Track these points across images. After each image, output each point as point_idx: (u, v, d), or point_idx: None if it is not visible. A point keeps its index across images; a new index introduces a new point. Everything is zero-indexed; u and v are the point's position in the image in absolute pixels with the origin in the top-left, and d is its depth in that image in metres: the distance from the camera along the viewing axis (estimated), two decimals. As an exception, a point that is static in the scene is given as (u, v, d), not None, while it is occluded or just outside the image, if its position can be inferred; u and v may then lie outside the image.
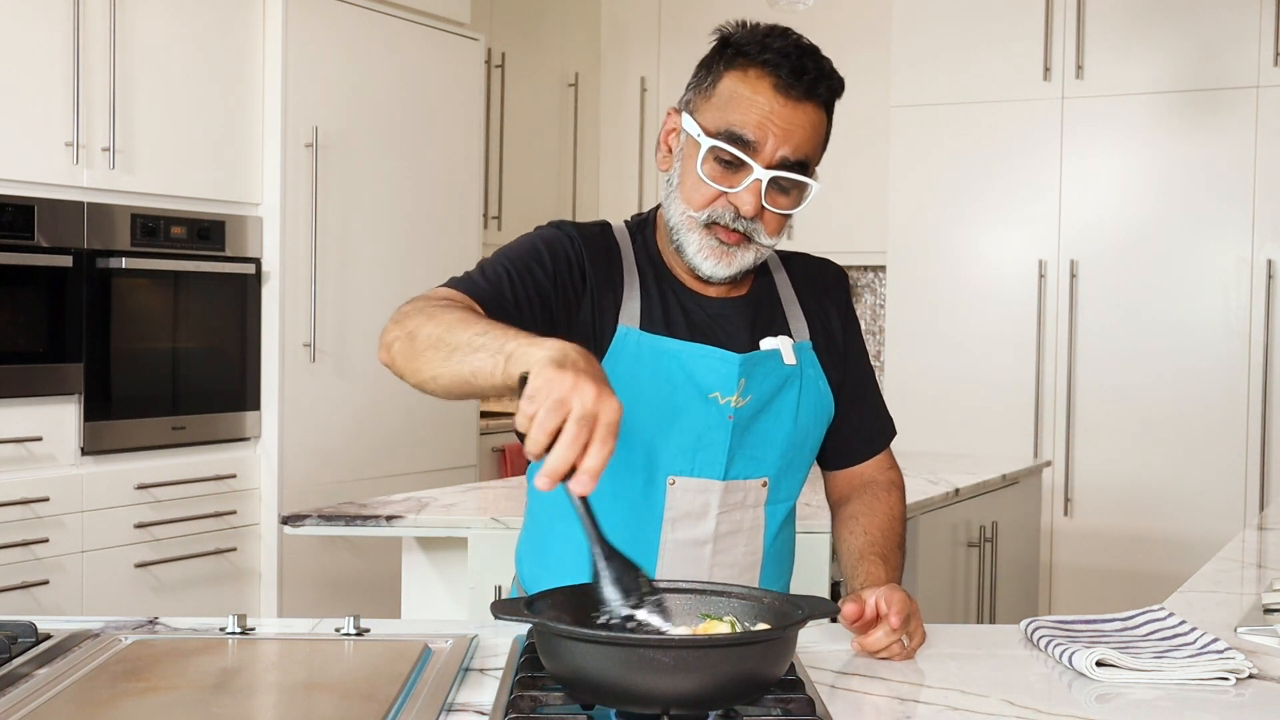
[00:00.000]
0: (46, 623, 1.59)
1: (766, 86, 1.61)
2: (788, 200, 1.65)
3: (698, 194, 1.64)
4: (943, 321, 4.97)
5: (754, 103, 1.60)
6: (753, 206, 1.61)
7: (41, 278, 3.47)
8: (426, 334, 1.44)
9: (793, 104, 1.61)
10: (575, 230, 1.72)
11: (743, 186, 1.61)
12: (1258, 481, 4.53)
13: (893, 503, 1.81)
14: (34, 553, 3.43)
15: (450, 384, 1.41)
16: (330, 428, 4.21)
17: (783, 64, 1.60)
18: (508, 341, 1.33)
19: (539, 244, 1.68)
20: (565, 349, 1.27)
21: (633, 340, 1.67)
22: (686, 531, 1.70)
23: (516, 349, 1.31)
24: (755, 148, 1.60)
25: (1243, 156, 4.54)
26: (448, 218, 4.66)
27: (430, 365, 1.42)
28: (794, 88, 1.60)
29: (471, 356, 1.36)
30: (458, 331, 1.40)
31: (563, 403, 1.20)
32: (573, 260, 1.68)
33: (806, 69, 1.61)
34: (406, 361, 1.46)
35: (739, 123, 1.60)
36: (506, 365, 1.31)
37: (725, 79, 1.64)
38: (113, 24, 3.59)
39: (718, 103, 1.63)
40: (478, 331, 1.38)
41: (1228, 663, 1.48)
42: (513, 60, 5.29)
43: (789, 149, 1.61)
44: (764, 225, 1.64)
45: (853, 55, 5.26)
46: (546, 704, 1.29)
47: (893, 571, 1.71)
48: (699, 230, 1.65)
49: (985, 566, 3.67)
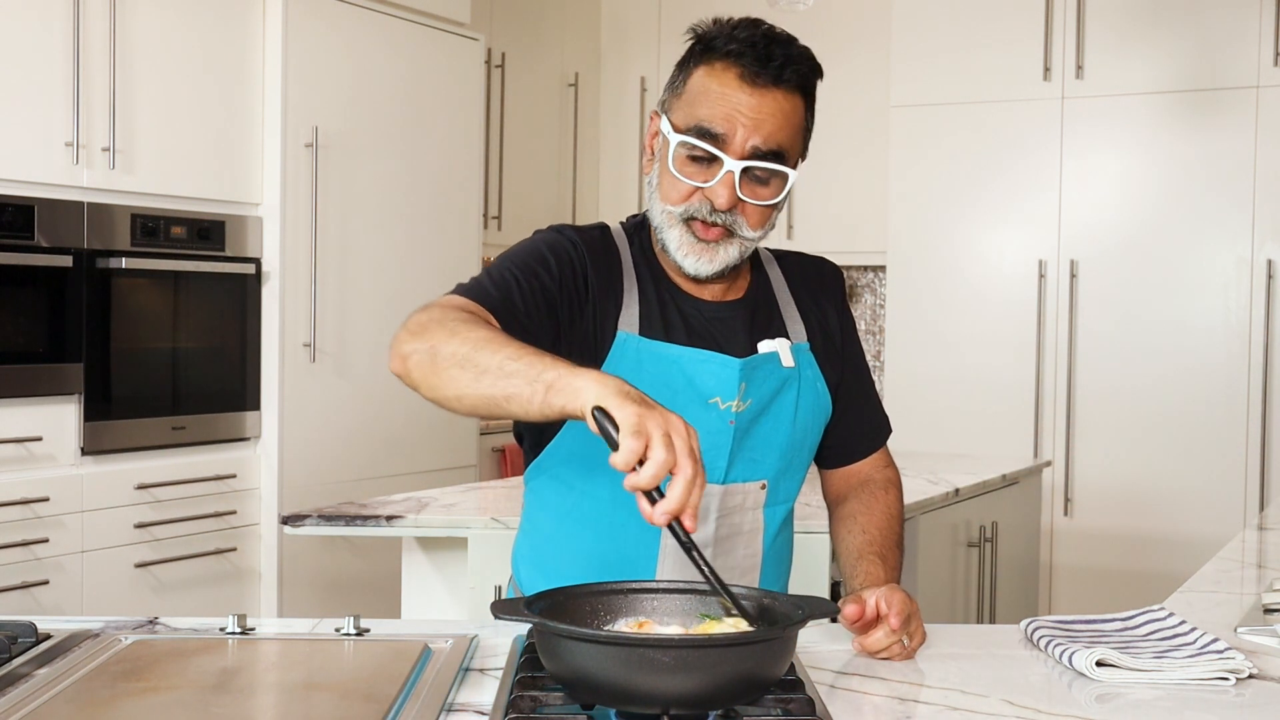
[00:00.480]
0: (46, 623, 1.59)
1: (732, 77, 1.60)
2: (767, 191, 1.63)
3: (674, 190, 1.64)
4: (943, 321, 4.97)
5: (721, 95, 1.60)
6: (727, 199, 1.61)
7: (41, 278, 3.47)
8: (451, 351, 1.42)
9: (760, 92, 1.60)
10: (577, 235, 1.71)
11: (715, 180, 1.60)
12: (1258, 481, 4.53)
13: (890, 501, 1.81)
14: (34, 553, 3.43)
15: (477, 404, 1.41)
16: (330, 428, 4.21)
17: (748, 53, 1.60)
18: (545, 370, 1.34)
19: (543, 249, 1.67)
20: (614, 382, 1.30)
21: (632, 346, 1.66)
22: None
23: (557, 379, 1.33)
24: (725, 140, 1.59)
25: (1243, 156, 4.54)
26: (448, 218, 4.66)
27: (455, 384, 1.42)
28: (760, 75, 1.59)
29: (504, 381, 1.37)
30: (485, 353, 1.40)
31: (668, 437, 1.25)
32: (576, 266, 1.67)
33: (774, 56, 1.60)
34: (425, 376, 1.45)
35: (706, 116, 1.60)
36: (547, 395, 1.33)
37: (694, 75, 1.64)
38: (113, 24, 3.59)
39: (688, 99, 1.63)
40: (509, 355, 1.38)
41: (1228, 663, 1.48)
42: (513, 60, 5.29)
43: (760, 139, 1.59)
44: (745, 218, 1.63)
45: (853, 55, 5.27)
46: (546, 704, 1.28)
47: (892, 571, 1.70)
48: (679, 226, 1.64)
49: (985, 566, 3.67)
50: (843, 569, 1.76)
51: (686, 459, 1.24)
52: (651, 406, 1.27)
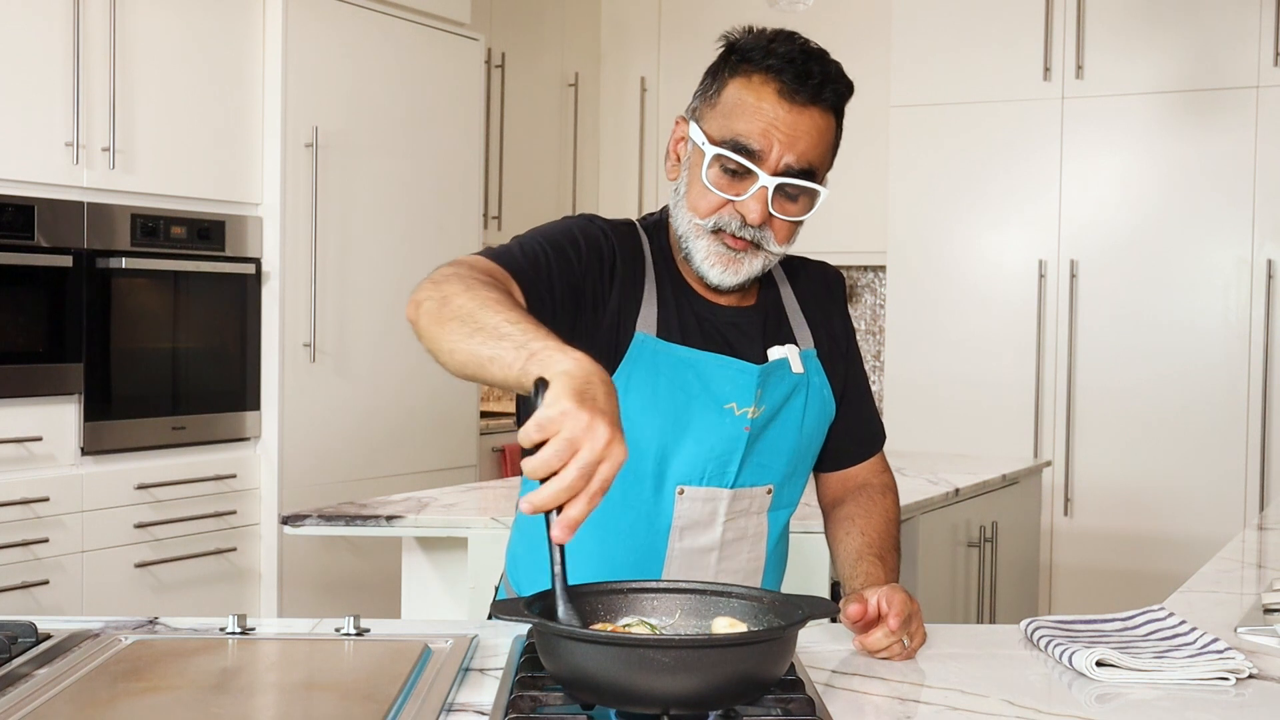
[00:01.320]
0: (46, 623, 1.59)
1: (770, 93, 1.59)
2: (796, 207, 1.63)
3: (704, 202, 1.62)
4: (943, 321, 4.97)
5: (758, 110, 1.59)
6: (759, 214, 1.60)
7: (41, 278, 3.47)
8: (459, 304, 1.38)
9: (798, 110, 1.59)
10: (609, 226, 1.69)
11: (749, 194, 1.59)
12: (1258, 481, 4.53)
13: (888, 505, 1.81)
14: (34, 553, 3.42)
15: (465, 360, 1.36)
16: (330, 428, 4.21)
17: (786, 69, 1.58)
18: (534, 340, 1.29)
19: (576, 232, 1.65)
20: (589, 372, 1.22)
21: (649, 348, 1.65)
22: (693, 539, 1.70)
23: (542, 350, 1.27)
24: (760, 155, 1.58)
25: (1243, 156, 4.54)
26: (448, 218, 4.66)
27: (451, 336, 1.37)
28: (799, 93, 1.58)
29: (495, 342, 1.31)
30: (489, 311, 1.35)
31: (573, 443, 1.17)
32: (604, 256, 1.65)
33: (812, 73, 1.59)
34: (429, 324, 1.40)
35: (744, 131, 1.59)
36: (526, 363, 1.27)
37: (730, 86, 1.62)
38: (113, 24, 3.59)
39: (723, 110, 1.61)
40: (508, 319, 1.33)
41: (1228, 663, 1.48)
42: (513, 60, 5.29)
43: (794, 156, 1.59)
44: (773, 233, 1.62)
45: (853, 55, 5.22)
46: (546, 704, 1.28)
47: (890, 572, 1.70)
48: (706, 237, 1.63)
49: (985, 566, 3.67)
50: (840, 571, 1.76)
51: (573, 470, 1.16)
52: (587, 410, 1.18)
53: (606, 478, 1.18)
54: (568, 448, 1.17)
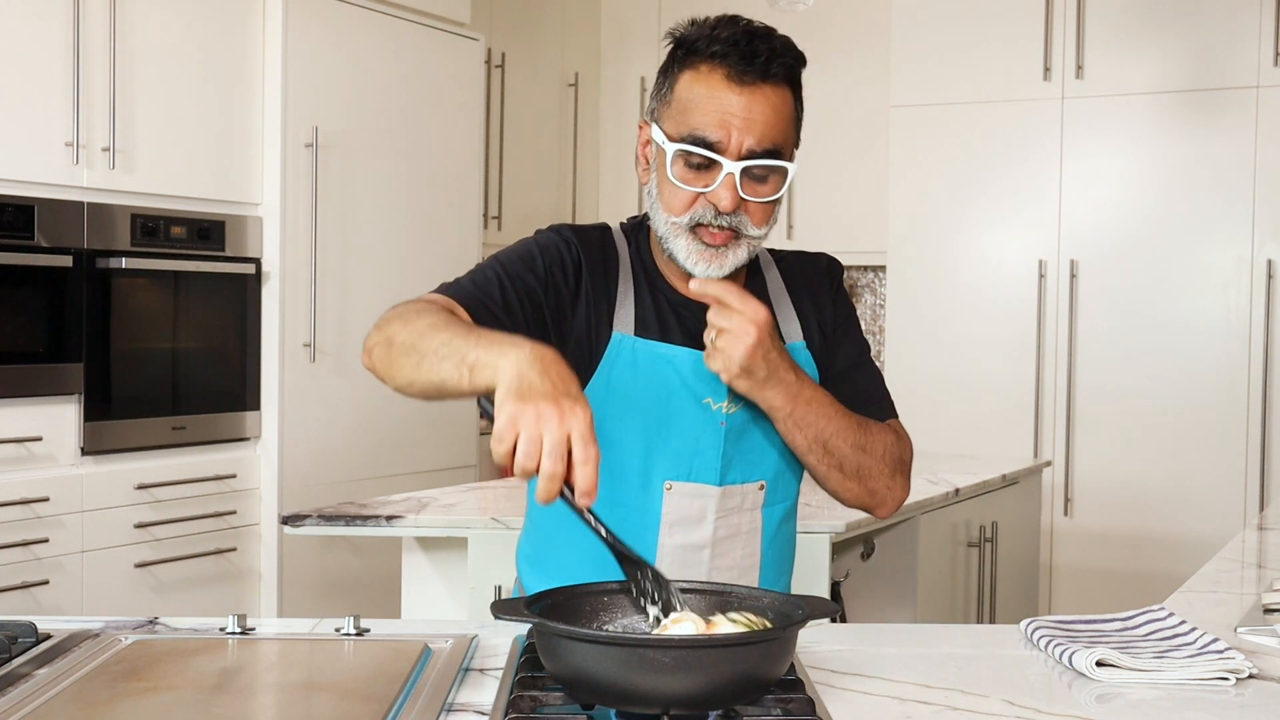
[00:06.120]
0: (46, 623, 1.59)
1: (719, 79, 1.59)
2: (767, 188, 1.62)
3: (676, 200, 1.63)
4: (943, 321, 4.97)
5: (710, 99, 1.59)
6: (730, 201, 1.60)
7: (41, 278, 3.47)
8: (402, 340, 1.48)
9: (749, 90, 1.59)
10: (574, 234, 1.71)
11: (716, 184, 1.59)
12: (1258, 481, 4.53)
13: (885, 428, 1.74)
14: (34, 553, 3.42)
15: (424, 389, 1.47)
16: (330, 428, 4.21)
17: (731, 53, 1.59)
18: (469, 350, 1.38)
19: (534, 248, 1.69)
20: (522, 364, 1.31)
21: (628, 346, 1.67)
22: (684, 536, 1.70)
23: (478, 360, 1.36)
24: (720, 145, 1.59)
25: (1243, 156, 4.54)
26: (448, 218, 4.66)
27: (404, 372, 1.48)
28: (747, 73, 1.59)
29: (438, 365, 1.42)
30: (427, 338, 1.45)
31: (533, 438, 1.26)
32: (568, 265, 1.68)
33: (758, 52, 1.59)
34: (385, 367, 1.51)
35: (700, 124, 1.59)
36: (472, 378, 1.37)
37: (680, 80, 1.63)
38: (113, 24, 3.59)
39: (678, 106, 1.62)
40: (443, 340, 1.43)
41: (1228, 663, 1.48)
42: (513, 60, 5.29)
43: (754, 139, 1.59)
44: (749, 217, 1.63)
45: (853, 55, 5.27)
46: (546, 704, 1.28)
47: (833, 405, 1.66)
48: (685, 235, 1.64)
49: (985, 566, 3.67)
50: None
51: (549, 459, 1.26)
52: (530, 403, 1.27)
53: (583, 434, 1.27)
54: (532, 443, 1.26)
